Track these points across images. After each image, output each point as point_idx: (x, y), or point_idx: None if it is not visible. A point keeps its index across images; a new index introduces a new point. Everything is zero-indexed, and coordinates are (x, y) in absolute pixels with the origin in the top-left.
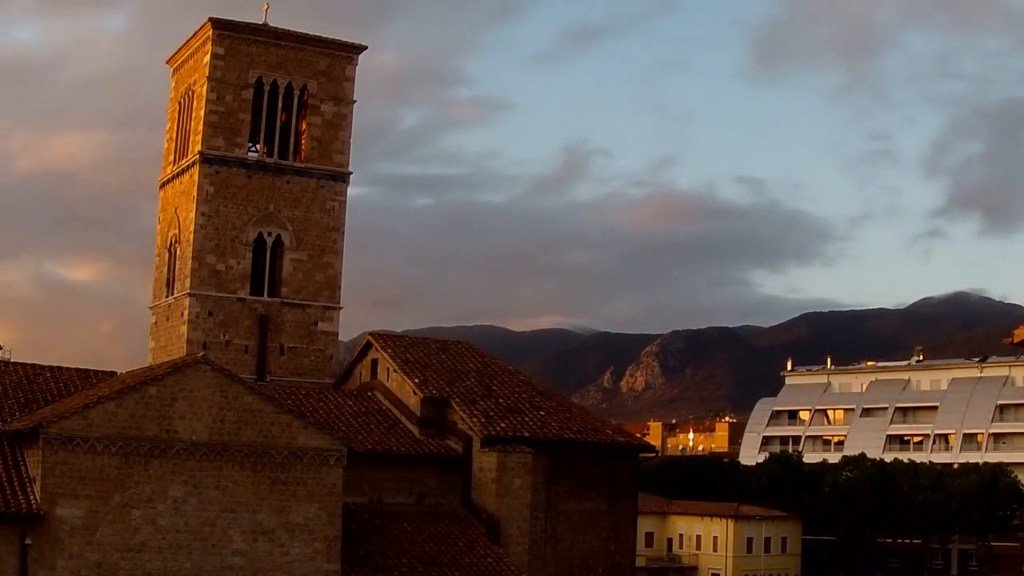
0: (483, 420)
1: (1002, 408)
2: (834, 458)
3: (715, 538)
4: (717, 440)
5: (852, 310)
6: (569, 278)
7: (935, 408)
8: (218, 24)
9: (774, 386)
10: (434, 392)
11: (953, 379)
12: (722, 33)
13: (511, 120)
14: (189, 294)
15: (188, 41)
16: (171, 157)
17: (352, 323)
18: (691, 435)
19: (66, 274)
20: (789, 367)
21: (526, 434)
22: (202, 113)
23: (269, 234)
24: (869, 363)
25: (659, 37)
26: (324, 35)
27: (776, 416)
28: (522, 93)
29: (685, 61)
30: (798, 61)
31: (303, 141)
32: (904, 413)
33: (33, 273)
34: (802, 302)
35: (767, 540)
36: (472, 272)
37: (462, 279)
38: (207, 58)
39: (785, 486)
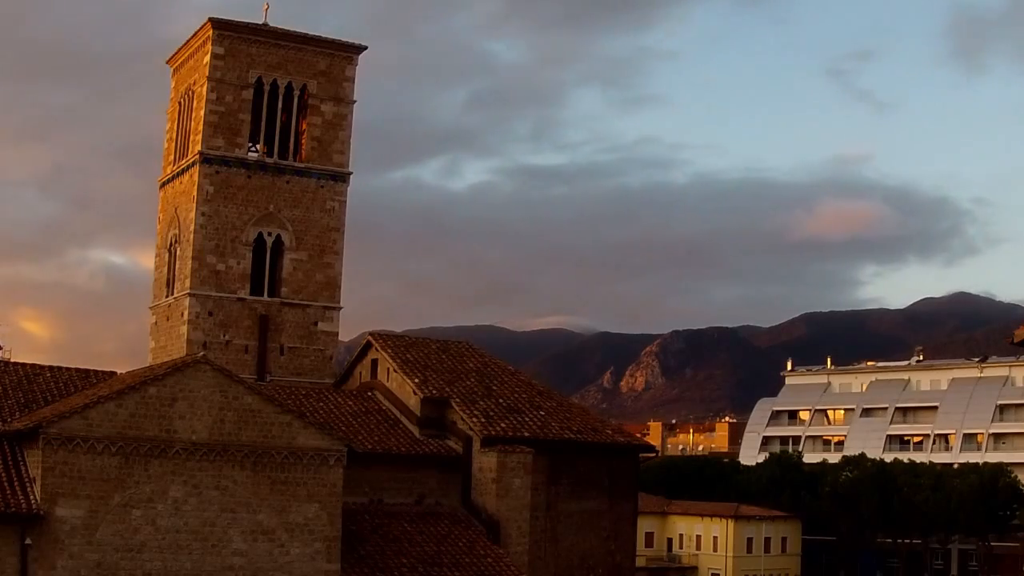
0: (483, 420)
1: (1002, 408)
2: (834, 458)
3: (715, 538)
4: (717, 440)
5: (852, 310)
6: (673, 278)
7: (935, 408)
8: (218, 24)
9: (774, 386)
10: (434, 392)
11: (953, 379)
12: (929, 22)
13: (689, 109)
14: (189, 294)
15: (188, 41)
16: (171, 157)
17: (437, 315)
18: (691, 435)
19: (133, 264)
20: (789, 367)
21: (526, 434)
22: (202, 113)
23: (269, 234)
24: (869, 363)
25: (860, 22)
26: (324, 35)
27: (776, 416)
28: (711, 79)
29: (882, 51)
30: (999, 58)
31: (303, 141)
32: (904, 413)
33: (101, 262)
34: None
35: (767, 540)
36: (568, 266)
37: (561, 273)
38: (207, 58)
39: (785, 486)
